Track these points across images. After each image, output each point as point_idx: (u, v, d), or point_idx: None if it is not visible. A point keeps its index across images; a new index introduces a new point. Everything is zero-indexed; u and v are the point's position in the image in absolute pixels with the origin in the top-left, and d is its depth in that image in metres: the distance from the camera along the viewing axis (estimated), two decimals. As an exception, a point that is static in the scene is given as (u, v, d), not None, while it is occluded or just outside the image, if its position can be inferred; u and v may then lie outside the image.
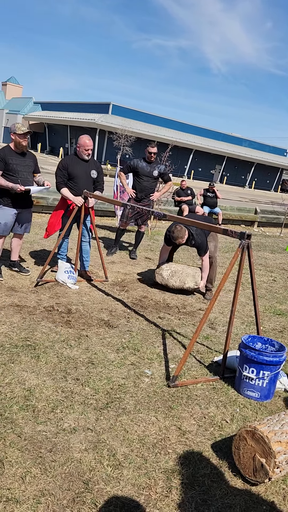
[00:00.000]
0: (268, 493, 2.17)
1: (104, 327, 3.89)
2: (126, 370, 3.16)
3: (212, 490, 2.13)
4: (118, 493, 2.03)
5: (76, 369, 3.07)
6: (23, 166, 4.56)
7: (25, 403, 2.59)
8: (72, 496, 1.97)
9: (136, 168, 6.28)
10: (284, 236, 12.17)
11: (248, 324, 4.53)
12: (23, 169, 4.56)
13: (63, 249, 5.15)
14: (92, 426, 2.47)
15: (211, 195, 11.92)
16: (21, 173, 4.55)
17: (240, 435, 2.26)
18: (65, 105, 42.90)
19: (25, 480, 2.02)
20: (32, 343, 3.35)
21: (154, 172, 6.29)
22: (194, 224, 3.51)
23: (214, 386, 3.15)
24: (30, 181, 4.65)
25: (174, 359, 3.47)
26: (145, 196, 6.40)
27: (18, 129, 4.40)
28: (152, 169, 6.29)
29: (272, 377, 3.00)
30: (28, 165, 4.62)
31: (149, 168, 6.28)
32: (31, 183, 4.68)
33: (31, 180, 4.68)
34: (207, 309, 3.04)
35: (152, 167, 6.29)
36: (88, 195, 4.77)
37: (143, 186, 6.33)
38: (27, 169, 4.61)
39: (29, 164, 4.63)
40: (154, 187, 6.46)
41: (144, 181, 6.31)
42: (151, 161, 6.29)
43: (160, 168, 6.34)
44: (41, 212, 9.06)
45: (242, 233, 3.10)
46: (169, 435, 2.51)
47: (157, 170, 6.30)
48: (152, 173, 6.29)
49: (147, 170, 6.27)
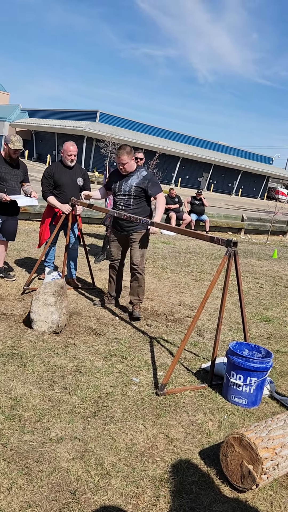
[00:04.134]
0: (255, 500, 2.18)
1: (91, 335, 3.87)
2: (113, 378, 3.15)
3: (200, 498, 2.13)
4: (106, 503, 2.01)
5: (63, 377, 3.05)
6: (12, 175, 4.58)
7: (11, 413, 2.55)
8: (59, 506, 1.95)
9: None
10: (270, 243, 12.29)
11: (236, 331, 4.55)
12: (11, 178, 4.57)
13: (50, 256, 5.13)
14: (79, 435, 2.45)
15: (198, 202, 12.03)
16: (9, 182, 4.55)
17: (227, 442, 2.27)
18: (53, 112, 42.90)
19: (11, 491, 1.99)
20: (19, 352, 3.31)
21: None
22: (181, 232, 3.53)
23: (202, 393, 3.15)
24: (17, 191, 4.65)
25: (162, 367, 3.47)
26: None
27: (12, 143, 4.40)
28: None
29: (259, 384, 3.02)
30: (17, 174, 4.64)
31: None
32: (18, 192, 4.68)
33: (18, 190, 4.68)
34: (195, 316, 3.05)
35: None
36: (75, 203, 4.77)
37: None
38: (16, 178, 4.63)
39: (18, 174, 4.65)
40: None
41: None
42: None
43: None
44: (28, 219, 9.02)
45: (228, 241, 3.13)
46: (157, 443, 2.50)
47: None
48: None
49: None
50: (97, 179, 25.17)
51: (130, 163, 4.29)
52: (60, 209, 4.80)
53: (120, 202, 4.40)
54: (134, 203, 4.36)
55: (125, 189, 4.33)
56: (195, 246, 9.66)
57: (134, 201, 4.36)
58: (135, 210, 4.36)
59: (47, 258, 5.11)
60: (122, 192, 4.35)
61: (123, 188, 4.34)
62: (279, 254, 10.20)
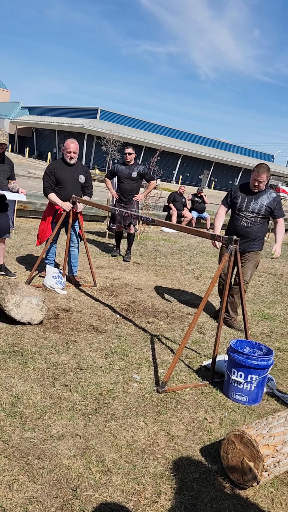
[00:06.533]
0: (256, 497, 2.18)
1: (92, 332, 3.87)
2: (114, 376, 3.15)
3: (201, 495, 2.13)
4: (107, 500, 2.02)
5: (64, 375, 3.05)
6: (0, 171, 4.58)
7: (12, 410, 2.56)
8: (61, 503, 1.96)
9: (117, 172, 6.56)
10: (271, 241, 12.27)
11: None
12: None
13: (51, 254, 5.13)
14: (80, 432, 2.46)
15: (199, 200, 12.01)
16: None
17: (228, 439, 2.27)
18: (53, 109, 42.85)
19: (12, 488, 1.99)
20: (20, 349, 3.32)
21: (133, 174, 6.48)
22: (182, 229, 3.53)
23: (203, 391, 3.15)
24: (4, 186, 4.67)
25: (162, 364, 3.47)
26: (129, 199, 6.59)
27: None
28: (131, 171, 6.48)
29: (260, 381, 3.02)
30: (4, 170, 4.65)
31: (128, 170, 6.49)
32: (6, 188, 4.69)
33: (5, 185, 4.69)
34: (196, 314, 3.05)
35: (130, 169, 6.50)
36: (76, 200, 4.76)
37: (125, 188, 6.54)
38: (3, 174, 4.64)
39: (5, 170, 4.66)
40: (136, 188, 6.64)
41: (125, 184, 6.53)
42: (128, 163, 6.49)
43: (139, 169, 6.53)
44: (29, 217, 9.01)
45: (230, 238, 3.13)
46: (158, 440, 2.50)
47: (136, 171, 6.49)
48: (131, 174, 6.48)
49: (126, 173, 6.49)
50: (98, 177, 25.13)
51: (265, 183, 4.33)
52: (61, 206, 4.80)
53: (245, 220, 4.41)
54: (260, 222, 4.40)
55: (255, 207, 4.36)
56: (196, 243, 9.65)
57: (260, 219, 4.40)
58: (259, 229, 4.42)
59: (47, 255, 5.11)
60: (251, 210, 4.37)
61: (252, 206, 4.37)
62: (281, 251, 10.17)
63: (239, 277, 3.29)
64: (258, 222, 4.39)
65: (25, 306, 3.68)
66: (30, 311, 3.71)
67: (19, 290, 3.74)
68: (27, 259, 5.94)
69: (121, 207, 6.50)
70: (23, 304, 3.68)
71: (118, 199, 6.62)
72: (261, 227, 4.41)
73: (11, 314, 3.64)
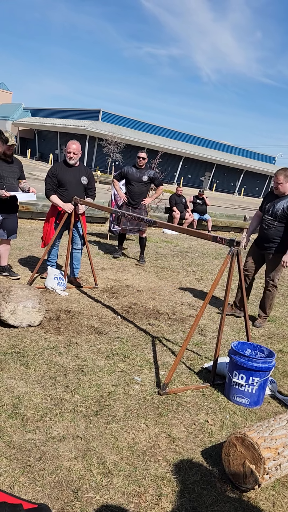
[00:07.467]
0: (257, 500, 2.17)
1: (93, 334, 3.87)
2: (116, 377, 3.15)
3: (202, 498, 2.13)
4: (108, 502, 2.01)
5: (66, 376, 3.05)
6: (9, 172, 4.59)
7: (13, 411, 2.56)
8: (61, 505, 1.95)
9: (127, 174, 6.54)
10: None
11: (238, 331, 4.55)
12: (8, 175, 4.58)
13: (53, 255, 5.13)
14: (81, 434, 2.45)
15: (201, 202, 12.01)
16: (7, 178, 4.57)
17: (230, 442, 2.26)
18: (55, 111, 42.96)
19: (13, 490, 1.99)
20: (21, 350, 3.32)
21: (143, 178, 6.49)
22: (183, 231, 3.53)
23: (204, 393, 3.15)
24: (15, 187, 4.67)
25: (164, 366, 3.46)
26: (138, 202, 6.61)
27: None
28: (142, 175, 6.49)
29: (262, 383, 3.01)
30: (14, 171, 4.65)
31: (138, 173, 6.49)
32: (16, 189, 4.70)
33: (16, 186, 4.70)
34: (197, 316, 3.05)
35: (141, 173, 6.50)
36: (78, 202, 4.76)
37: (134, 191, 6.54)
38: (13, 175, 4.64)
39: (15, 170, 4.66)
40: (145, 192, 6.67)
41: (134, 187, 6.53)
42: (140, 167, 6.49)
43: (150, 173, 6.56)
44: (31, 218, 9.03)
45: (231, 240, 3.12)
46: (159, 442, 2.50)
47: (146, 175, 6.51)
48: (141, 178, 6.49)
49: (137, 176, 6.49)
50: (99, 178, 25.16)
51: (285, 185, 4.37)
52: (63, 208, 4.80)
53: (264, 223, 4.55)
54: (277, 225, 4.46)
55: (273, 210, 4.45)
56: (197, 245, 9.65)
57: (278, 223, 4.45)
58: (276, 233, 4.49)
59: (49, 257, 5.12)
60: (270, 213, 4.48)
61: (272, 210, 4.47)
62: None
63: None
64: (275, 225, 4.45)
65: (21, 311, 3.67)
66: (28, 314, 3.70)
67: (12, 297, 3.70)
68: (28, 260, 5.95)
69: (129, 210, 6.52)
70: (19, 310, 3.66)
71: (127, 202, 6.63)
72: (278, 230, 4.47)
73: (9, 322, 3.64)
